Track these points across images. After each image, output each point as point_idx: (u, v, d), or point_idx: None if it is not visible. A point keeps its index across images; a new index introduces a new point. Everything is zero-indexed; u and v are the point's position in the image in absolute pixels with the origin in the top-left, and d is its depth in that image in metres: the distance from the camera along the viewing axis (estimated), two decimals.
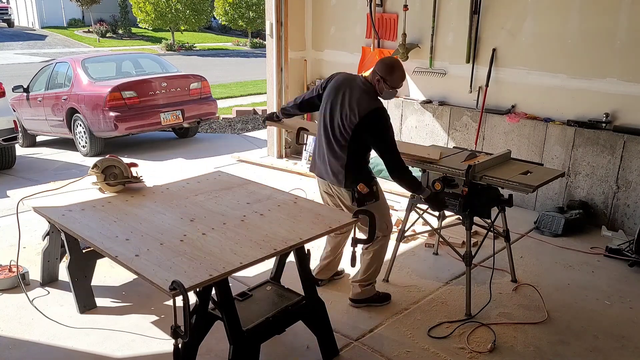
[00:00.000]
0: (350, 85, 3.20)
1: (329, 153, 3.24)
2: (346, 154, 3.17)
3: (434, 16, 5.61)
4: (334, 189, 3.33)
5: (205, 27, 34.42)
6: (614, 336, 3.18)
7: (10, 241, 4.38)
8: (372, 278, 3.45)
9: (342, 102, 3.16)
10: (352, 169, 3.20)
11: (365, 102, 3.09)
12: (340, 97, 3.19)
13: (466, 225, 3.35)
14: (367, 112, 3.06)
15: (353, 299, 3.47)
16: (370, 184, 3.23)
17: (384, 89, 3.16)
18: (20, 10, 34.92)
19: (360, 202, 3.19)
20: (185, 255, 2.42)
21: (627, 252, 4.15)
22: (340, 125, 3.15)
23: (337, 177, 3.23)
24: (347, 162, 3.17)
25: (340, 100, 3.18)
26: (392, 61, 3.20)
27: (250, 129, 9.76)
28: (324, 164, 3.31)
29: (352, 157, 3.18)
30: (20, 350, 2.99)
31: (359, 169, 3.23)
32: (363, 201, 3.20)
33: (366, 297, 3.45)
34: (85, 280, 3.39)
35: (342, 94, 3.19)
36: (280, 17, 6.53)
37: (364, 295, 3.45)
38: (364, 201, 3.21)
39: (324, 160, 3.30)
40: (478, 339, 3.13)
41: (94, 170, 3.35)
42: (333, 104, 3.21)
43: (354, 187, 3.19)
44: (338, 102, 3.19)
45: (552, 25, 4.87)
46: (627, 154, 4.55)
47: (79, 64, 8.11)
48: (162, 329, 3.18)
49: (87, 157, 7.77)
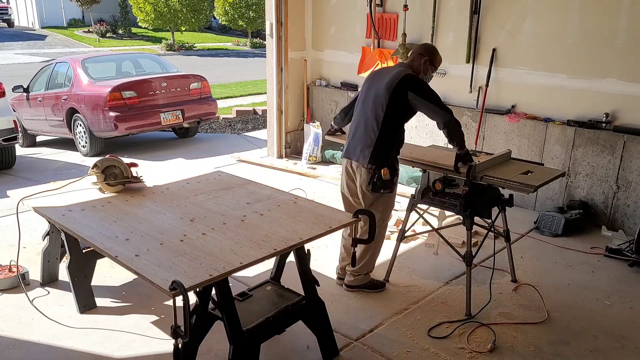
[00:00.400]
0: (386, 70, 3.49)
1: (362, 131, 3.36)
2: (378, 129, 3.27)
3: (434, 16, 5.61)
4: (355, 167, 3.39)
5: (205, 27, 34.43)
6: (614, 336, 3.18)
7: (10, 241, 4.38)
8: (365, 269, 3.56)
9: (380, 82, 3.35)
10: (381, 149, 3.28)
11: (401, 71, 3.30)
12: (377, 80, 3.39)
13: (466, 225, 3.35)
14: (404, 76, 3.25)
15: (347, 284, 3.64)
16: (393, 173, 3.32)
17: (428, 69, 3.42)
18: (20, 10, 34.92)
19: (375, 188, 3.29)
20: (185, 255, 2.42)
21: (627, 252, 4.15)
22: (376, 98, 3.30)
23: (363, 153, 3.30)
24: (378, 139, 3.27)
25: (377, 82, 3.37)
26: (429, 44, 3.58)
27: (250, 129, 9.76)
28: (354, 142, 3.41)
29: (384, 136, 3.27)
30: (20, 350, 2.99)
31: (387, 153, 3.32)
32: (379, 188, 3.29)
33: (359, 284, 3.59)
34: (85, 280, 3.39)
35: (379, 77, 3.40)
36: (280, 17, 6.54)
37: (357, 282, 3.59)
38: (381, 188, 3.30)
39: (355, 139, 3.40)
40: (478, 339, 3.13)
41: (94, 170, 3.35)
42: (370, 88, 3.41)
43: (375, 170, 3.27)
44: (375, 83, 3.38)
45: (552, 25, 4.87)
46: (627, 154, 4.55)
47: (79, 64, 8.11)
48: (162, 329, 3.18)
49: (87, 157, 7.77)
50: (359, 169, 3.35)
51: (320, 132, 6.67)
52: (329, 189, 5.76)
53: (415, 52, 3.46)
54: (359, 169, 3.35)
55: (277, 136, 7.00)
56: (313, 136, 6.70)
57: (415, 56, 3.43)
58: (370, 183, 3.29)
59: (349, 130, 3.55)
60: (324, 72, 6.97)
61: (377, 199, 3.38)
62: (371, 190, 3.32)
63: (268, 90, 7.02)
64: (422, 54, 3.41)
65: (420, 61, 3.40)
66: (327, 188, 5.81)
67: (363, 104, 3.41)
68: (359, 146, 3.34)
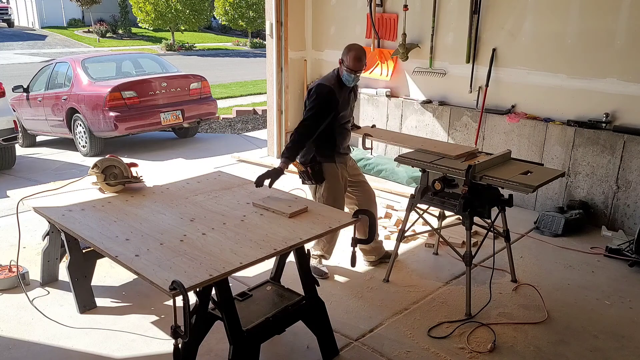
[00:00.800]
0: None
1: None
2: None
3: (434, 16, 5.61)
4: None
5: (205, 27, 34.43)
6: (614, 336, 3.18)
7: (10, 241, 4.38)
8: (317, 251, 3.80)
9: None
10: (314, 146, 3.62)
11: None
12: None
13: (466, 225, 3.34)
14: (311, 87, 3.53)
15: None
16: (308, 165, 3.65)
17: (343, 71, 3.50)
18: (20, 10, 34.92)
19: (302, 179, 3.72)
20: (185, 255, 2.42)
21: (627, 252, 4.15)
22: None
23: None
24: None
25: None
26: (352, 44, 3.54)
27: (250, 129, 9.76)
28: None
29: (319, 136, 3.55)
30: (20, 350, 2.99)
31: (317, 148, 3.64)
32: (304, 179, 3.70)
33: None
34: (85, 280, 3.38)
35: None
36: (280, 17, 6.54)
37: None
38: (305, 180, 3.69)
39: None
40: (478, 339, 3.13)
41: (94, 170, 3.35)
42: None
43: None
44: None
45: (552, 25, 4.87)
46: (627, 154, 4.55)
47: (79, 64, 8.11)
48: (162, 329, 3.18)
49: (87, 157, 7.77)
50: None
51: None
52: None
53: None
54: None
55: (277, 136, 7.00)
56: None
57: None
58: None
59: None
60: (324, 72, 6.94)
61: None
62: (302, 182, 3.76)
63: (268, 90, 7.03)
64: (341, 57, 3.53)
65: (339, 64, 3.55)
66: None
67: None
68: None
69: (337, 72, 3.57)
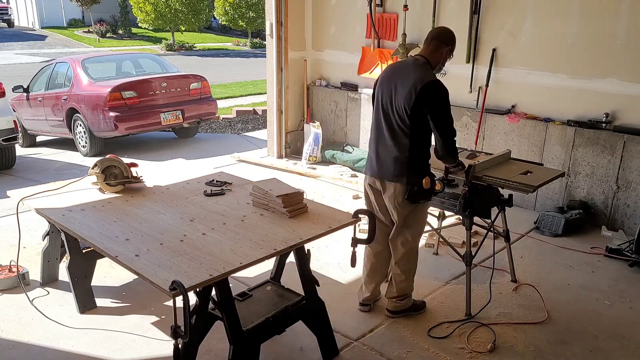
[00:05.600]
0: (401, 69, 3.09)
1: (385, 146, 3.07)
2: (409, 141, 2.98)
3: (434, 16, 5.61)
4: (383, 184, 3.12)
5: (205, 27, 34.42)
6: (614, 336, 3.18)
7: (10, 241, 4.38)
8: (406, 291, 3.32)
9: (396, 89, 3.00)
10: (416, 161, 3.02)
11: (420, 79, 2.93)
12: (392, 86, 3.03)
13: (466, 225, 3.34)
14: (421, 88, 2.89)
15: (390, 311, 3.34)
16: (434, 180, 3.08)
17: (447, 58, 3.12)
18: (20, 11, 34.91)
19: (414, 199, 3.03)
20: (185, 255, 2.42)
21: (627, 252, 4.15)
22: (397, 109, 2.98)
23: (396, 170, 3.03)
24: (411, 151, 2.99)
25: (393, 89, 3.02)
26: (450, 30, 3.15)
27: (250, 129, 9.75)
28: (377, 158, 3.13)
29: (415, 147, 3.00)
30: (20, 350, 2.99)
31: (423, 163, 3.06)
32: (419, 198, 3.04)
33: (404, 308, 3.33)
34: (85, 280, 3.38)
35: (395, 82, 3.04)
36: (280, 17, 6.54)
37: (402, 307, 3.33)
38: (420, 198, 3.05)
39: (378, 155, 3.12)
40: (478, 339, 3.13)
41: (94, 170, 3.35)
42: (386, 95, 3.06)
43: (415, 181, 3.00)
44: (391, 90, 3.03)
45: (552, 25, 4.87)
46: (627, 154, 4.55)
47: (79, 64, 8.11)
48: (162, 330, 3.18)
49: (87, 157, 7.76)
50: (390, 184, 3.08)
51: (320, 132, 6.67)
52: (328, 189, 5.76)
53: (436, 39, 3.08)
54: (389, 184, 3.09)
55: (277, 136, 7.00)
56: (313, 136, 6.70)
57: (437, 45, 3.07)
58: (409, 195, 3.02)
59: (369, 144, 3.25)
60: (324, 72, 6.97)
61: (413, 210, 3.13)
62: (411, 202, 3.05)
63: (268, 90, 7.02)
64: (445, 43, 3.07)
65: (442, 51, 3.07)
66: (327, 188, 5.81)
67: (384, 114, 3.07)
68: (389, 162, 3.06)
69: (424, 61, 3.06)
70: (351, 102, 6.63)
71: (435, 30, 3.17)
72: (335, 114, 6.85)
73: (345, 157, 6.49)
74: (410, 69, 3.04)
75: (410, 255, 3.25)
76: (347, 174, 6.20)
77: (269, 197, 2.97)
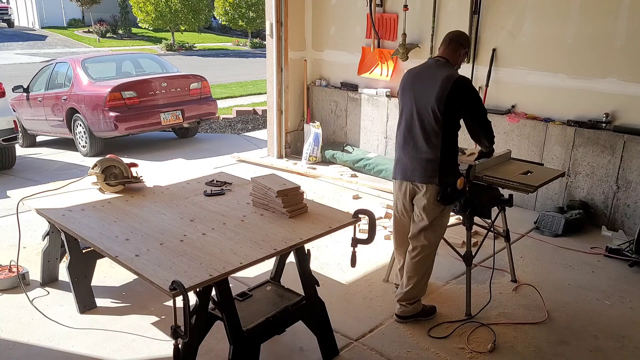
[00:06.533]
0: (425, 71, 3.14)
1: (416, 148, 3.09)
2: (440, 142, 3.01)
3: (434, 16, 5.61)
4: (415, 186, 3.13)
5: (205, 27, 34.42)
6: (614, 336, 3.18)
7: (10, 241, 4.38)
8: (418, 295, 3.29)
9: (424, 89, 3.04)
10: (447, 162, 3.05)
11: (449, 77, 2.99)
12: (419, 86, 3.08)
13: (466, 225, 3.35)
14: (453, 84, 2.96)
15: (399, 315, 3.30)
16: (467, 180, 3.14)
17: (463, 60, 3.26)
18: (20, 10, 34.90)
19: (449, 200, 3.06)
20: (185, 255, 2.42)
21: (627, 252, 4.15)
22: (426, 109, 3.02)
23: (425, 172, 3.05)
24: (443, 152, 3.02)
25: (420, 89, 3.07)
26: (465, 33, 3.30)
27: (250, 129, 9.75)
28: (410, 161, 3.13)
29: (446, 148, 3.04)
30: (20, 350, 2.99)
31: (454, 163, 3.11)
32: (452, 199, 3.07)
33: (413, 313, 3.29)
34: (85, 280, 3.38)
35: (422, 83, 3.09)
36: (280, 17, 6.54)
37: (411, 312, 3.29)
38: (453, 199, 3.08)
39: (409, 158, 3.13)
40: (478, 339, 3.12)
41: (94, 170, 3.35)
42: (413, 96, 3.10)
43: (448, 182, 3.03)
44: (418, 90, 3.08)
45: (552, 25, 4.87)
46: (627, 154, 4.55)
47: (79, 64, 8.11)
48: (162, 330, 3.18)
49: (87, 157, 7.76)
50: (422, 185, 3.09)
51: (320, 132, 6.67)
52: (329, 189, 5.76)
53: (455, 41, 3.17)
54: (423, 187, 3.09)
55: (277, 136, 7.00)
56: (313, 136, 6.70)
57: (456, 47, 3.16)
58: (443, 197, 3.04)
59: (397, 147, 3.25)
60: (324, 72, 6.97)
61: (441, 212, 3.14)
62: (444, 204, 3.07)
63: (268, 90, 7.02)
64: (462, 45, 3.18)
65: (460, 52, 3.18)
66: (327, 188, 5.81)
67: (417, 115, 3.07)
68: (417, 165, 3.08)
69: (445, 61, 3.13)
70: (351, 102, 6.63)
71: (453, 33, 3.27)
72: (335, 114, 6.85)
73: (345, 157, 6.49)
74: (435, 69, 3.11)
75: (427, 257, 3.24)
76: (347, 174, 6.20)
77: (269, 197, 2.97)
